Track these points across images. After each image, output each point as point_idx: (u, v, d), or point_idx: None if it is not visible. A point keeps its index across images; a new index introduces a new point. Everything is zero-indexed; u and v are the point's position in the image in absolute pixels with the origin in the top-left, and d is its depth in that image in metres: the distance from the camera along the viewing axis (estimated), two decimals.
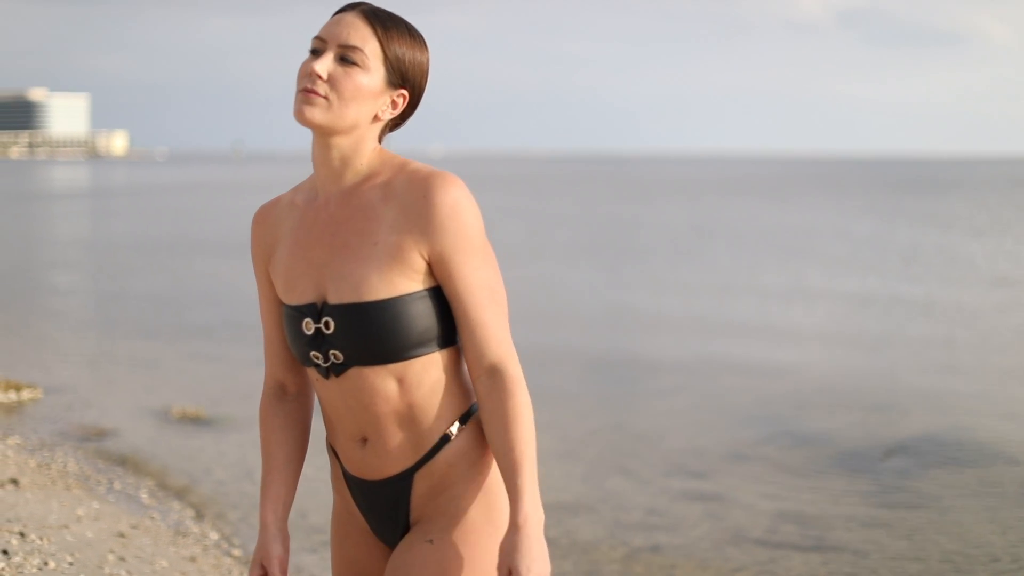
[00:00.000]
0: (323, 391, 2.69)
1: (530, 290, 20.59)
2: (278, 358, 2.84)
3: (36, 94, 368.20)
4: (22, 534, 6.06)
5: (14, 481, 7.58)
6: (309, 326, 2.62)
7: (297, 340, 2.66)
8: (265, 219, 2.80)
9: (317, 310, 2.60)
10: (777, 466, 9.23)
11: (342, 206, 2.64)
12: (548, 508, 2.94)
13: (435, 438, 2.63)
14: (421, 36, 2.71)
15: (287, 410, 2.85)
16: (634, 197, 64.09)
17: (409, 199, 2.56)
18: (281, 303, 2.74)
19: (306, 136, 2.73)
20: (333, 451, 2.78)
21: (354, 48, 2.57)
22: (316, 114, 2.57)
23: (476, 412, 2.66)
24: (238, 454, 9.33)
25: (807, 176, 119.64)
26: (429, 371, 2.60)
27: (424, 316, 2.56)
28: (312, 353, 2.63)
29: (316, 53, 2.61)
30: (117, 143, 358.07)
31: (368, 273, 2.55)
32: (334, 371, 2.62)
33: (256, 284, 2.84)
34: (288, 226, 2.72)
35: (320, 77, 2.56)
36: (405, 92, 2.68)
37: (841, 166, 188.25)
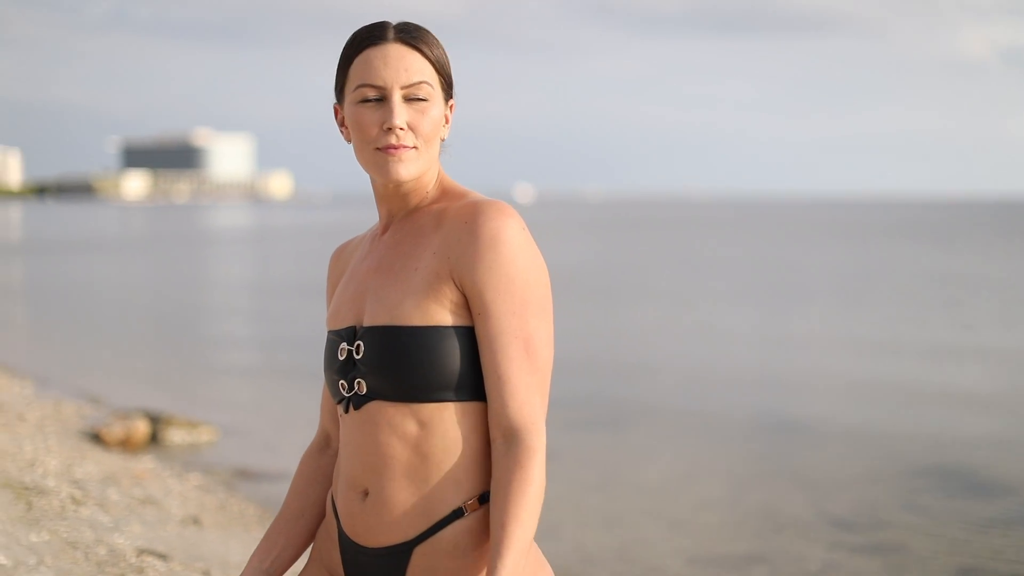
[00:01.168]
0: (344, 432, 2.46)
1: (689, 337, 20.45)
2: (328, 407, 2.67)
3: (199, 136, 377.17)
4: (206, 573, 6.20)
5: (196, 520, 7.76)
6: (343, 351, 2.44)
7: (330, 368, 2.48)
8: (338, 257, 2.70)
9: (353, 334, 2.43)
10: (955, 518, 9.01)
11: (396, 232, 2.50)
12: (723, 559, 2.82)
13: (446, 508, 2.34)
14: None
15: (322, 464, 2.67)
16: (795, 240, 63.31)
17: (454, 225, 2.38)
18: None
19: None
20: (333, 507, 2.55)
21: (419, 84, 2.42)
22: (411, 169, 2.43)
23: None
24: None
25: (973, 219, 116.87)
26: (456, 424, 2.33)
27: (458, 355, 2.31)
28: (340, 382, 2.43)
29: (379, 102, 2.42)
30: (280, 184, 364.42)
31: (404, 297, 2.36)
32: (355, 403, 2.40)
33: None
34: (355, 260, 2.60)
35: (402, 128, 2.40)
36: (453, 101, 2.54)
37: (1009, 209, 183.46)
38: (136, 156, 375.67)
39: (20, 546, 5.95)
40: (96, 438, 10.78)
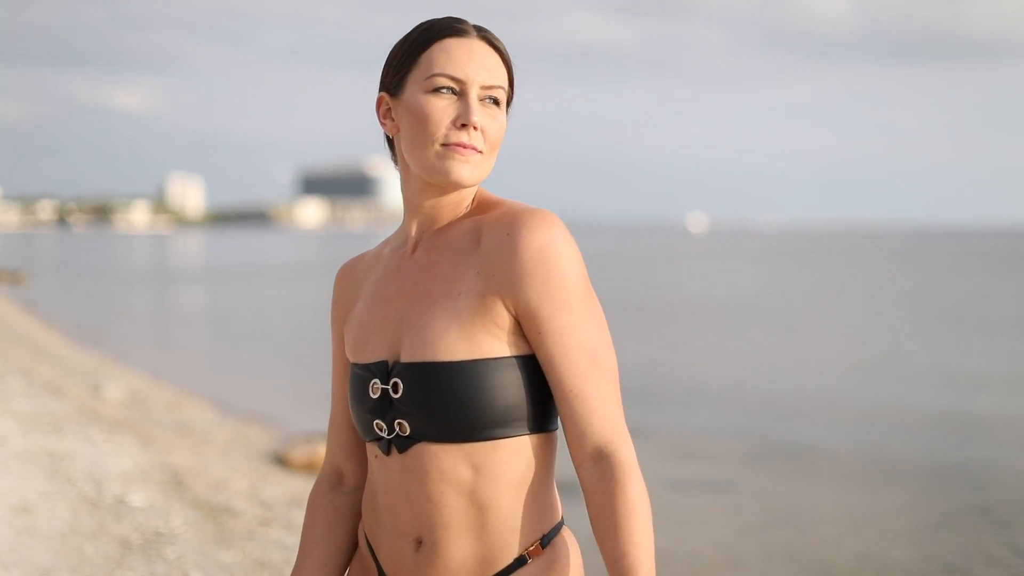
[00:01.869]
0: (381, 473, 2.22)
1: (867, 370, 20.05)
2: (341, 440, 2.41)
3: (373, 164, 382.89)
4: None
5: None
6: (376, 388, 2.18)
7: (360, 405, 2.22)
8: (348, 275, 2.41)
9: (387, 369, 2.17)
10: None
11: (430, 251, 2.24)
12: None
13: (508, 557, 2.15)
14: None
15: (338, 504, 2.41)
16: (977, 271, 61.72)
17: (494, 240, 2.14)
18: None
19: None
20: (372, 553, 2.31)
21: (498, 87, 2.22)
22: (475, 174, 2.20)
23: (561, 532, 2.21)
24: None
25: None
26: (513, 463, 2.12)
27: (512, 388, 2.10)
28: (376, 422, 2.18)
29: (453, 96, 2.19)
30: None
31: (447, 328, 2.11)
32: (398, 445, 2.16)
33: (332, 351, 2.44)
34: (372, 280, 2.32)
35: (475, 128, 2.18)
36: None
37: None
38: (311, 184, 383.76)
39: (213, 565, 6.07)
40: (280, 461, 10.97)
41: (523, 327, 2.11)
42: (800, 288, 46.58)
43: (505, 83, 2.23)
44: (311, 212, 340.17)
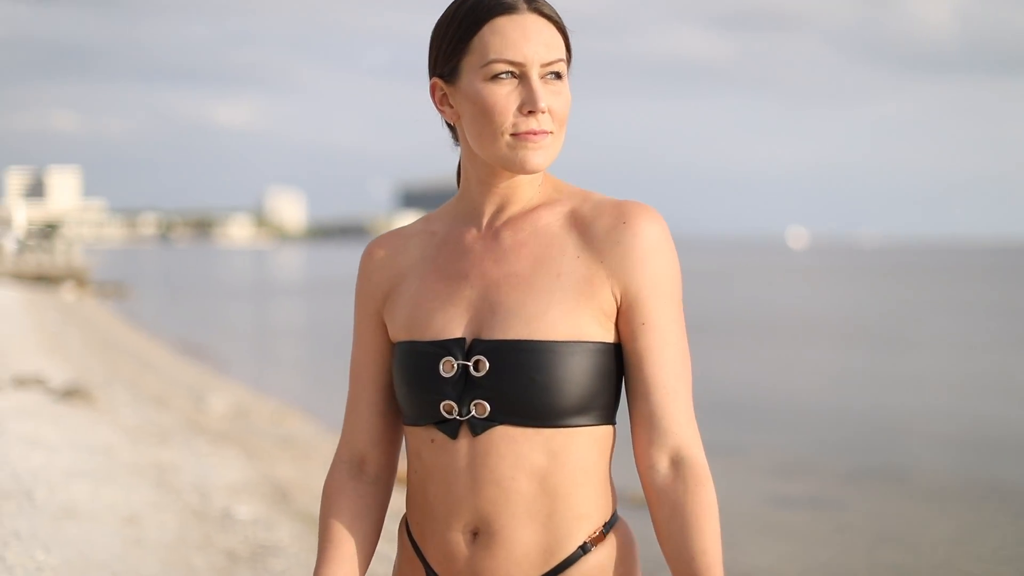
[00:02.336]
0: (439, 458, 2.08)
1: (970, 388, 19.71)
2: (366, 425, 2.21)
3: None
4: None
5: None
6: (450, 366, 2.05)
7: (426, 384, 2.07)
8: (384, 250, 2.26)
9: (464, 347, 2.05)
10: None
11: (516, 232, 2.14)
12: None
13: (572, 545, 2.05)
14: None
15: (363, 492, 2.20)
16: None
17: (604, 226, 2.09)
18: (389, 352, 2.20)
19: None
20: (416, 549, 2.15)
21: (558, 61, 2.10)
22: (548, 157, 2.11)
23: (618, 522, 2.12)
24: None
25: None
26: (584, 451, 2.05)
27: (602, 376, 2.04)
28: (445, 403, 2.04)
29: (513, 79, 2.08)
30: None
31: (548, 307, 2.03)
32: (472, 428, 2.03)
33: (354, 331, 2.27)
34: (419, 256, 2.20)
35: (543, 112, 2.07)
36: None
37: None
38: (410, 198, 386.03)
39: None
40: None
41: (626, 316, 2.06)
42: (903, 304, 45.99)
43: (563, 54, 2.11)
44: None
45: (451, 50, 2.12)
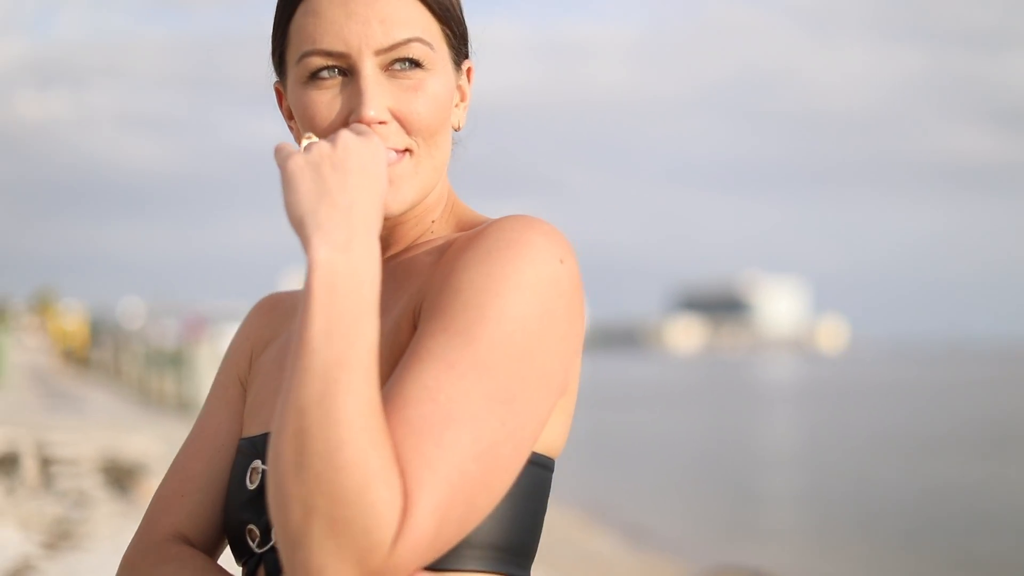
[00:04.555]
0: None
1: None
2: (197, 496, 1.67)
3: (748, 279, 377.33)
4: None
5: None
6: (255, 474, 1.58)
7: (234, 498, 1.61)
8: (271, 310, 1.80)
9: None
10: None
11: None
12: None
13: None
14: None
15: (195, 554, 1.64)
16: None
17: (452, 252, 1.51)
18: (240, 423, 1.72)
19: None
20: None
21: (408, 43, 1.53)
22: (406, 192, 1.55)
23: None
24: None
25: None
26: None
27: None
28: (249, 526, 1.56)
29: (341, 77, 1.54)
30: (832, 331, 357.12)
31: None
32: (268, 567, 1.51)
33: (213, 385, 1.79)
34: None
35: (382, 122, 1.52)
36: (470, 61, 1.68)
37: None
38: (685, 301, 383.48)
39: None
40: None
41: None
42: None
43: (423, 29, 1.54)
44: (685, 334, 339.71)
45: (273, 42, 1.63)
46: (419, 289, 1.53)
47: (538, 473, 1.55)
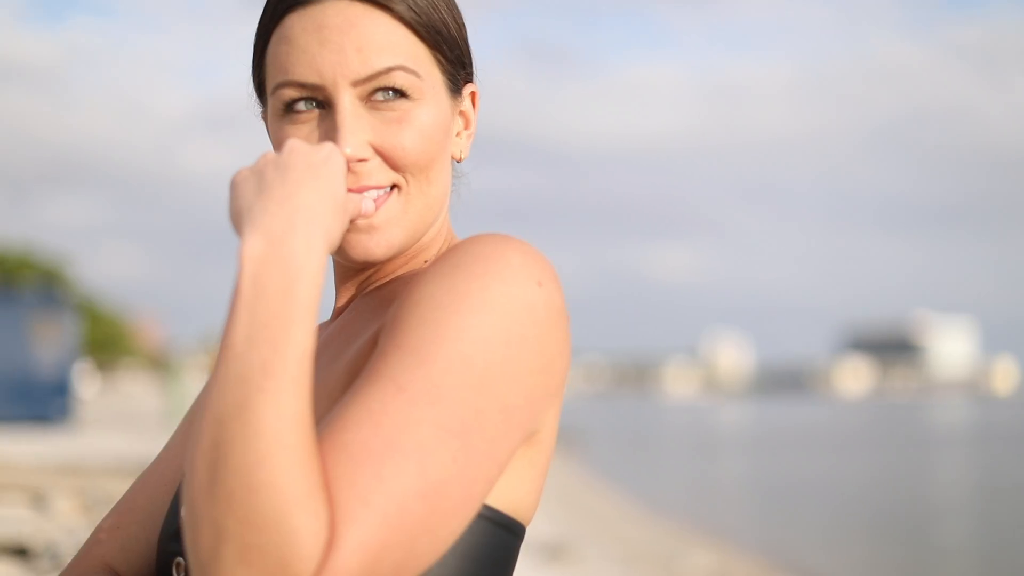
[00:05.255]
0: None
1: None
2: (132, 529, 1.61)
3: (919, 319, 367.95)
4: None
5: None
6: None
7: (166, 528, 1.51)
8: None
9: None
10: None
11: (348, 314, 1.54)
12: None
13: None
14: None
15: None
16: None
17: (424, 269, 1.39)
18: None
19: None
20: None
21: (390, 71, 1.40)
22: (396, 235, 1.44)
23: None
24: None
25: None
26: None
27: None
28: (177, 559, 1.45)
29: (318, 110, 1.43)
30: (1004, 373, 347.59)
31: (317, 410, 1.37)
32: None
33: (184, 416, 1.72)
34: None
35: (361, 159, 1.40)
36: (472, 84, 1.55)
37: None
38: (854, 345, 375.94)
39: None
40: None
41: None
42: None
43: (407, 54, 1.42)
44: (854, 376, 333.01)
45: (253, 70, 1.52)
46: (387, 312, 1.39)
47: (504, 538, 1.37)
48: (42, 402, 27.26)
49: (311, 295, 1.21)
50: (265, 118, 1.53)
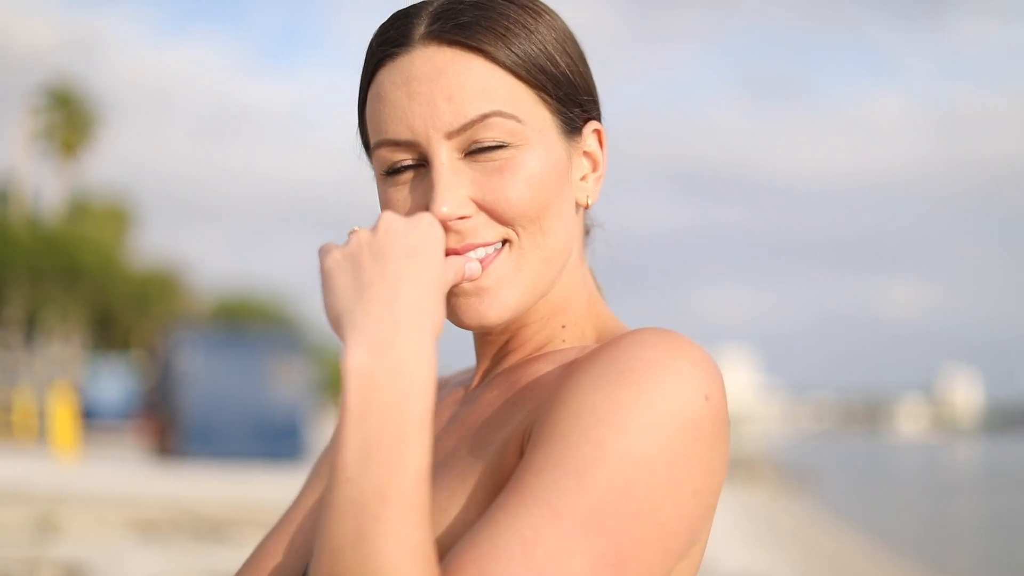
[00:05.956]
0: None
1: None
2: None
3: None
4: None
5: None
6: None
7: None
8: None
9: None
10: None
11: (485, 391, 1.42)
12: None
13: None
14: (530, 4, 1.37)
15: None
16: None
17: (579, 362, 1.28)
18: None
19: None
20: None
21: (487, 117, 1.30)
22: (510, 296, 1.33)
23: None
24: None
25: None
26: None
27: None
28: None
29: (417, 169, 1.34)
30: None
31: (450, 502, 1.27)
32: None
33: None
34: None
35: (462, 217, 1.31)
36: (596, 122, 1.42)
37: None
38: None
39: None
40: None
41: None
42: None
43: (506, 99, 1.31)
44: None
45: (360, 128, 1.44)
46: (537, 407, 1.29)
47: None
48: (276, 441, 27.88)
49: (424, 406, 1.14)
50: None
